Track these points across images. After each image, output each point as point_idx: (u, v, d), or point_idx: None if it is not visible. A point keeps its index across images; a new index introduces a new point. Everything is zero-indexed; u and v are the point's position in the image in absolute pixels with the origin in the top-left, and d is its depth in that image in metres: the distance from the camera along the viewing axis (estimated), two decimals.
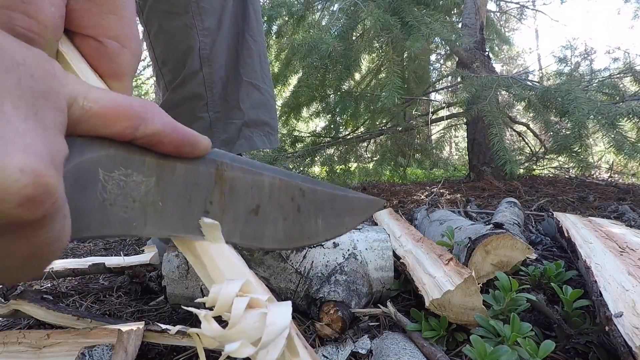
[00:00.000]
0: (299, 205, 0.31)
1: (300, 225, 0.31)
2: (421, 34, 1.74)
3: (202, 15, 0.80)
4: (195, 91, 0.83)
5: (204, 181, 0.26)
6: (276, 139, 0.95)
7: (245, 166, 0.29)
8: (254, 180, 0.29)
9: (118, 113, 0.22)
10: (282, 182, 0.30)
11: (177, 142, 0.24)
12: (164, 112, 0.24)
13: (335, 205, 0.33)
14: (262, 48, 0.91)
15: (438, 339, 0.54)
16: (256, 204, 0.29)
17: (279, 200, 0.30)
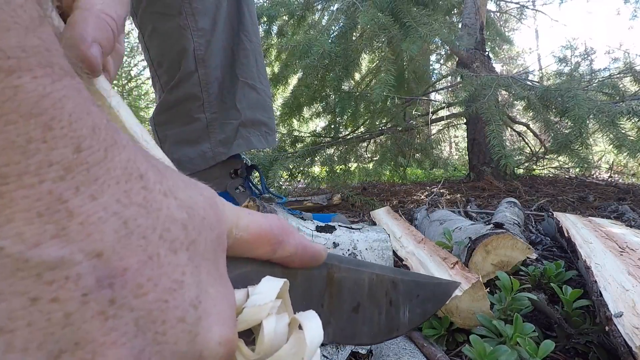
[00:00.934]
0: (391, 298, 0.31)
1: (391, 318, 0.31)
2: (419, 35, 1.73)
3: (196, 16, 0.80)
4: (191, 92, 0.83)
5: (318, 285, 0.28)
6: (274, 139, 0.95)
7: (351, 266, 0.30)
8: (356, 279, 0.30)
9: (262, 239, 0.24)
10: (378, 277, 0.31)
11: (306, 260, 0.26)
12: (296, 232, 0.26)
13: (420, 293, 0.33)
14: (257, 48, 0.91)
15: (438, 338, 0.54)
16: (357, 301, 0.29)
17: (376, 296, 0.30)
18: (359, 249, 0.67)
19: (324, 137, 2.83)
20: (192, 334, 0.17)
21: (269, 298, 0.22)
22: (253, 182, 0.97)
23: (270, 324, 0.21)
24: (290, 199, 1.72)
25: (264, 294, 0.23)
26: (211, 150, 0.85)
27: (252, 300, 0.22)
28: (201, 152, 0.85)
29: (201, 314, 0.17)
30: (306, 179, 2.34)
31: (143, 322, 0.15)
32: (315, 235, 0.68)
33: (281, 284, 0.23)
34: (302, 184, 2.58)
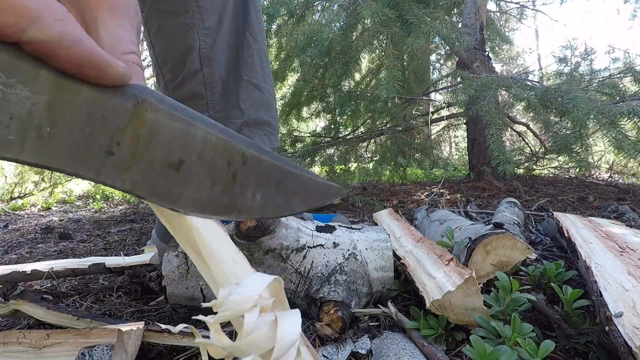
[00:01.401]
0: (236, 172, 0.26)
1: (232, 195, 0.26)
2: (422, 31, 1.74)
3: (203, 15, 0.79)
4: (195, 91, 0.83)
5: (114, 116, 0.22)
6: (276, 139, 0.95)
7: (176, 112, 0.24)
8: (182, 130, 0.24)
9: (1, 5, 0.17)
10: (220, 141, 0.25)
11: (78, 59, 0.20)
12: (70, 19, 0.20)
13: (282, 181, 0.28)
14: (262, 47, 0.91)
15: (437, 337, 0.54)
16: (179, 158, 0.24)
17: (211, 161, 0.25)
18: (359, 249, 0.67)
19: (324, 137, 2.83)
20: None
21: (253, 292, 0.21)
22: None
23: (252, 316, 0.20)
24: None
25: (249, 287, 0.21)
26: None
27: (236, 292, 0.21)
28: None
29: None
30: None
31: None
32: (315, 235, 0.68)
33: (270, 280, 0.22)
34: None
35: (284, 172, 0.28)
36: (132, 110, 0.23)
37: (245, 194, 0.27)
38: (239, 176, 0.26)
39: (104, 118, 0.22)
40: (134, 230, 1.55)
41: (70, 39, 0.19)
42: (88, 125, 0.21)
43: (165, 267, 0.63)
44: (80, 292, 0.83)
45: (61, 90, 0.20)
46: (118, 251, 1.19)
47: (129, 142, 0.23)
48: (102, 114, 0.22)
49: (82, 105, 0.21)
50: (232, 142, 0.26)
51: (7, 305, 0.63)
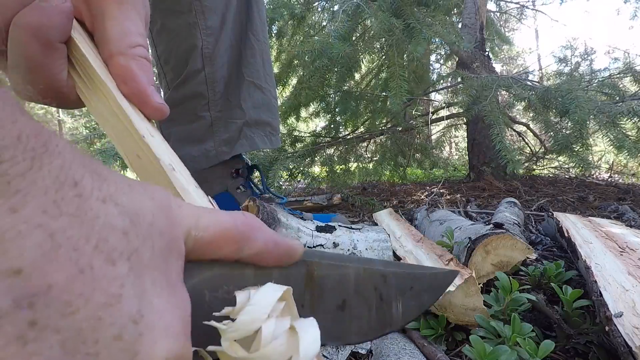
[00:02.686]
0: (381, 293, 0.30)
1: (382, 313, 0.29)
2: (423, 36, 1.73)
3: (206, 14, 0.79)
4: (196, 90, 0.83)
5: (296, 285, 0.26)
6: (277, 139, 0.95)
7: (333, 262, 0.28)
8: (340, 275, 0.28)
9: (225, 237, 0.22)
10: (366, 271, 0.29)
11: (279, 256, 0.25)
12: (264, 226, 0.24)
13: (414, 285, 0.31)
14: (265, 48, 0.91)
15: (437, 337, 0.54)
16: (342, 299, 0.28)
17: (364, 292, 0.29)
18: (359, 249, 0.67)
19: (324, 137, 2.83)
20: (131, 353, 0.15)
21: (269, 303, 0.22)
22: (254, 182, 0.97)
23: (269, 327, 0.21)
24: (290, 199, 1.72)
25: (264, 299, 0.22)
26: (214, 149, 0.85)
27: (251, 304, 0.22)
28: (204, 150, 0.85)
29: (143, 330, 0.16)
30: (306, 179, 2.34)
31: (71, 344, 0.14)
32: (315, 235, 0.68)
33: (283, 290, 0.23)
34: (302, 184, 2.59)
35: (413, 277, 0.31)
36: (306, 274, 0.27)
37: (391, 308, 0.30)
38: (384, 295, 0.30)
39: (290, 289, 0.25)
40: None
41: (272, 244, 0.24)
42: None
43: None
44: None
45: (259, 279, 0.24)
46: None
47: (309, 301, 0.27)
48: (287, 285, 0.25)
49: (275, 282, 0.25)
50: (374, 268, 0.30)
51: None
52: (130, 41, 0.29)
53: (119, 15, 0.29)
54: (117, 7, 0.29)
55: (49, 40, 0.27)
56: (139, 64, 0.29)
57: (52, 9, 0.26)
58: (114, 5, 0.29)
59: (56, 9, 0.26)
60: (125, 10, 0.30)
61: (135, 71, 0.29)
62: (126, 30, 0.29)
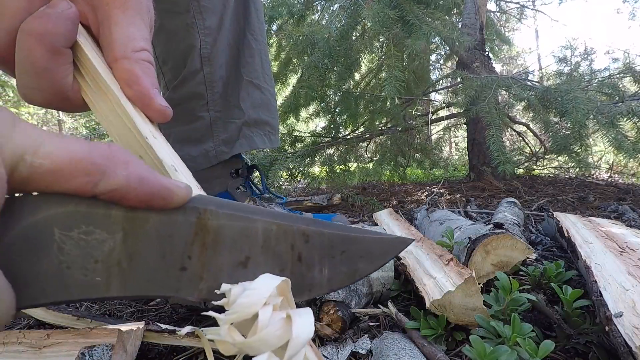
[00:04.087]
0: (300, 253, 0.27)
1: (300, 276, 0.26)
2: (422, 32, 1.74)
3: (203, 14, 0.79)
4: (195, 90, 0.83)
5: (181, 233, 0.23)
6: (277, 139, 0.95)
7: (235, 212, 0.25)
8: (244, 228, 0.25)
9: (73, 168, 0.20)
10: (280, 227, 0.26)
11: (145, 196, 0.22)
12: (131, 161, 0.22)
13: (347, 249, 0.28)
14: (263, 47, 0.91)
15: (437, 337, 0.54)
16: (245, 255, 0.25)
17: (275, 249, 0.26)
18: None
19: (324, 137, 2.83)
20: None
21: (266, 289, 0.21)
22: (253, 182, 0.97)
23: (266, 313, 0.21)
24: (290, 199, 1.72)
25: (262, 285, 0.22)
26: (214, 149, 0.85)
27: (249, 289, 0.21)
28: (204, 150, 0.85)
29: None
30: (306, 179, 2.34)
31: None
32: None
33: (281, 280, 0.22)
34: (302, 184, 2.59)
35: (346, 240, 0.28)
36: (196, 223, 0.24)
37: (312, 271, 0.27)
38: (304, 256, 0.27)
39: (173, 237, 0.23)
40: None
41: (136, 181, 0.21)
42: (160, 249, 0.23)
43: None
44: None
45: (132, 223, 0.22)
46: None
47: (198, 253, 0.24)
48: (170, 234, 0.23)
49: (152, 232, 0.23)
50: (292, 225, 0.26)
51: None
52: (135, 45, 0.30)
53: (123, 21, 0.30)
54: (122, 12, 0.30)
55: (55, 46, 0.27)
56: (143, 68, 0.29)
57: (58, 15, 0.26)
58: (119, 10, 0.30)
59: (62, 15, 0.27)
60: (130, 15, 0.30)
61: (140, 74, 0.29)
62: (131, 35, 0.30)
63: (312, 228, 0.27)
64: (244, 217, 0.25)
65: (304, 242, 0.27)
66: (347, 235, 0.28)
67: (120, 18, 0.30)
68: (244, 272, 0.25)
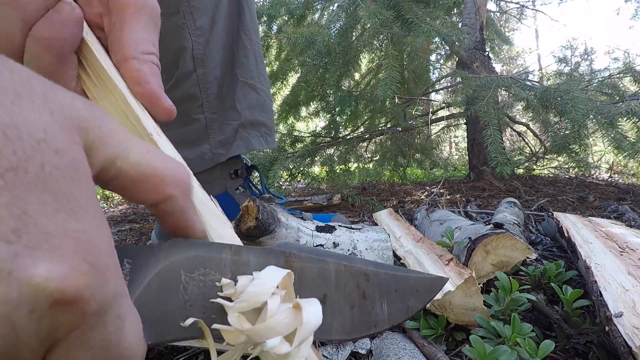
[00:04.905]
0: (364, 291, 0.30)
1: (366, 312, 0.30)
2: (422, 30, 1.74)
3: (194, 15, 0.78)
4: (189, 92, 0.82)
5: None
6: (273, 140, 0.95)
7: (312, 255, 0.28)
8: (320, 269, 0.28)
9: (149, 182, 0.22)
10: (347, 268, 0.29)
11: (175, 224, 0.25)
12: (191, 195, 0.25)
13: (399, 287, 0.31)
14: (257, 47, 0.91)
15: (437, 337, 0.54)
16: (323, 293, 0.28)
17: (345, 288, 0.29)
18: (359, 249, 0.67)
19: (323, 137, 2.83)
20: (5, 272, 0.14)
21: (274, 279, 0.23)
22: (253, 183, 0.96)
23: (275, 301, 0.22)
24: (290, 199, 1.72)
25: (269, 276, 0.23)
26: (210, 152, 0.85)
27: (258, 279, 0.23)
28: (200, 153, 0.84)
29: (20, 250, 0.15)
30: (306, 179, 2.34)
31: None
32: (315, 235, 0.68)
33: (286, 272, 0.24)
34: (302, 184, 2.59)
35: (396, 278, 0.32)
36: (284, 265, 0.27)
37: (375, 307, 0.30)
38: (367, 293, 0.30)
39: None
40: (134, 230, 1.55)
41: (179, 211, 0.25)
42: None
43: None
44: None
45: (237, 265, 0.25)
46: None
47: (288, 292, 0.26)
48: None
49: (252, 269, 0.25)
50: (355, 266, 0.30)
51: None
52: (144, 48, 0.31)
53: (137, 26, 0.31)
54: (137, 17, 0.31)
55: (63, 52, 0.27)
56: (151, 69, 0.31)
57: (64, 20, 0.27)
58: (134, 16, 0.31)
59: (68, 20, 0.27)
60: (144, 21, 0.31)
61: (148, 74, 0.30)
62: (142, 39, 0.31)
63: (370, 268, 0.30)
64: (319, 259, 0.28)
65: (366, 281, 0.30)
66: (396, 275, 0.32)
67: (134, 23, 0.31)
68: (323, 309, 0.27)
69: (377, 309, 0.30)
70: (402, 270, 0.32)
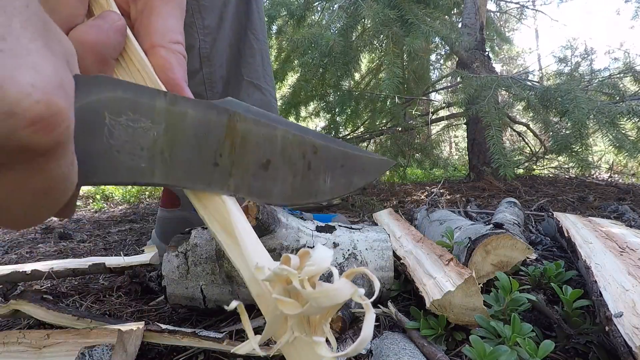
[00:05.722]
0: (310, 162, 0.30)
1: (309, 182, 0.30)
2: (421, 31, 1.74)
3: (202, 13, 0.78)
4: (195, 91, 0.82)
5: (214, 131, 0.25)
6: None
7: (259, 118, 0.27)
8: (266, 134, 0.27)
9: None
10: (295, 137, 0.29)
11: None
12: None
13: (346, 163, 0.32)
14: (264, 47, 0.90)
15: (437, 337, 0.54)
16: (267, 158, 0.27)
17: (291, 156, 0.29)
18: (359, 248, 0.67)
19: None
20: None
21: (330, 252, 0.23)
22: None
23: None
24: None
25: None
26: None
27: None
28: None
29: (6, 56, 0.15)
30: None
31: None
32: (315, 235, 0.68)
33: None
34: None
35: (346, 155, 0.32)
36: (227, 124, 0.26)
37: (318, 179, 0.30)
38: (313, 165, 0.30)
39: (207, 134, 0.25)
40: (134, 230, 1.55)
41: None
42: (197, 143, 0.25)
43: (165, 267, 0.63)
44: (80, 292, 0.83)
45: (172, 116, 0.24)
46: (118, 251, 1.19)
47: (228, 152, 0.26)
48: (205, 131, 0.25)
49: (190, 127, 0.24)
50: (305, 136, 0.29)
51: (7, 305, 0.63)
52: (172, 37, 0.31)
53: (164, 12, 0.31)
54: (165, 4, 0.31)
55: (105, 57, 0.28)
56: (178, 59, 0.31)
57: (110, 27, 0.28)
58: (162, 2, 0.31)
59: (113, 27, 0.28)
60: (172, 8, 0.31)
61: (175, 64, 0.30)
62: (170, 27, 0.31)
63: (320, 142, 0.30)
64: (267, 123, 0.27)
65: (313, 153, 0.30)
66: (346, 152, 0.32)
67: (162, 9, 0.31)
68: (265, 174, 0.27)
69: (319, 180, 0.30)
70: (352, 148, 0.33)
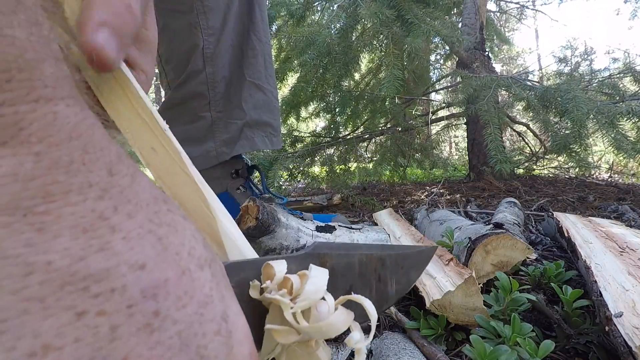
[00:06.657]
0: (380, 274, 0.32)
1: (380, 292, 0.32)
2: (421, 31, 1.74)
3: (207, 14, 0.79)
4: (197, 90, 0.83)
5: None
6: (278, 141, 0.95)
7: (341, 251, 0.30)
8: (347, 263, 0.30)
9: None
10: (367, 257, 0.31)
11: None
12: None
13: (404, 264, 0.34)
14: (267, 48, 0.91)
15: (437, 337, 0.54)
16: (350, 284, 0.30)
17: (365, 275, 0.31)
18: None
19: (323, 137, 2.83)
20: (229, 347, 0.17)
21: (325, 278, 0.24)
22: (253, 182, 0.96)
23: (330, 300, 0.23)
24: (290, 199, 1.72)
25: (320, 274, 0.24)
26: (215, 150, 0.85)
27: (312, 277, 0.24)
28: (205, 151, 0.85)
29: (231, 328, 0.17)
30: (306, 179, 2.34)
31: (186, 335, 0.15)
32: (315, 235, 0.68)
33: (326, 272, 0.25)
34: (302, 184, 2.59)
35: (404, 257, 0.35)
36: (320, 265, 0.28)
37: (387, 287, 0.33)
38: (382, 276, 0.33)
39: None
40: None
41: None
42: None
43: None
44: None
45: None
46: None
47: None
48: None
49: None
50: (373, 253, 0.32)
51: None
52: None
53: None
54: None
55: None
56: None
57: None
58: None
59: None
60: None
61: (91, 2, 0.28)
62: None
63: (385, 252, 0.33)
64: (347, 254, 0.31)
65: (381, 265, 0.33)
66: (404, 254, 0.35)
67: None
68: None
69: (388, 287, 0.33)
70: (404, 248, 0.36)
